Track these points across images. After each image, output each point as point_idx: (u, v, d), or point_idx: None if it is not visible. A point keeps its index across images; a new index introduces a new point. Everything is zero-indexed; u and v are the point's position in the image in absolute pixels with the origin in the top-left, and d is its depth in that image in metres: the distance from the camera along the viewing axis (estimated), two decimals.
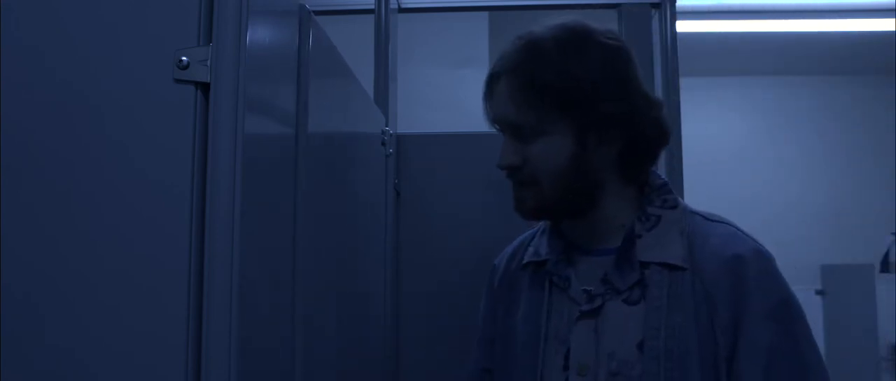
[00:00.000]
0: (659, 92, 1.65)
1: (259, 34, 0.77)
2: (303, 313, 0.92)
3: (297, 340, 0.89)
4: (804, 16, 3.56)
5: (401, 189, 1.66)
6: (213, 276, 0.70)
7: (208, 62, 0.72)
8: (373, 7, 1.71)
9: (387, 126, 1.56)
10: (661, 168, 1.40)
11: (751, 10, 3.52)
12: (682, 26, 1.82)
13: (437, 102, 2.69)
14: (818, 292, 3.92)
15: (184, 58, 0.72)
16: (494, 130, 1.04)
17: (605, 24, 1.02)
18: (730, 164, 4.59)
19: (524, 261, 1.10)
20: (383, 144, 1.52)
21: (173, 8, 0.73)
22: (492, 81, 1.02)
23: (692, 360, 0.92)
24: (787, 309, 0.94)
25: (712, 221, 1.01)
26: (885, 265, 4.13)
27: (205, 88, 0.72)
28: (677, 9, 1.70)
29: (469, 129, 1.98)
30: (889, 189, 4.28)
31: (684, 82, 1.68)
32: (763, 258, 0.95)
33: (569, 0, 1.82)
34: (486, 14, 2.99)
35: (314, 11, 0.96)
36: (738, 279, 0.93)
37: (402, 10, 1.80)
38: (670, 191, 1.04)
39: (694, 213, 1.02)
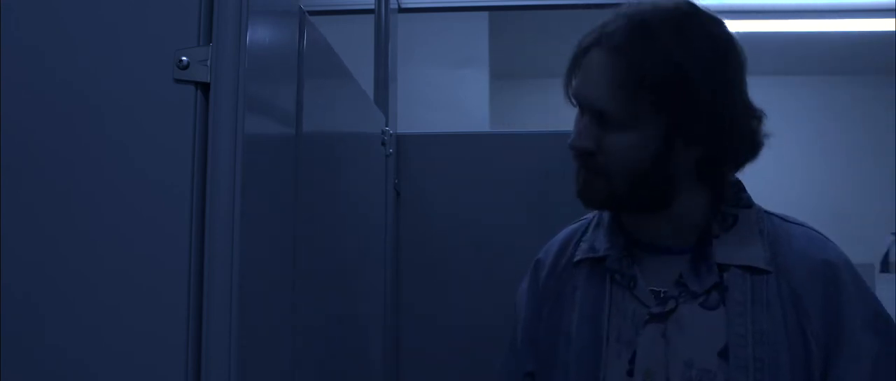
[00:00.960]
0: None
1: (259, 34, 0.77)
2: (303, 312, 0.92)
3: (297, 340, 0.89)
4: (804, 16, 3.55)
5: (401, 189, 1.66)
6: (213, 276, 0.70)
7: (208, 62, 0.72)
8: (372, 7, 1.71)
9: (387, 126, 1.56)
10: None
11: (751, 10, 3.51)
12: None
13: (437, 102, 2.69)
14: None
15: (184, 58, 0.72)
16: (571, 104, 0.94)
17: None
18: None
19: (577, 258, 1.02)
20: (383, 144, 1.52)
21: (173, 8, 0.73)
22: (585, 54, 0.90)
23: (783, 368, 0.86)
24: (884, 318, 0.90)
25: (790, 222, 0.96)
26: (885, 265, 4.13)
27: (205, 88, 0.72)
28: None
29: (469, 129, 1.98)
30: (889, 189, 4.27)
31: None
32: (851, 266, 0.91)
33: (569, 0, 1.82)
34: (486, 14, 2.99)
35: (314, 11, 0.96)
36: (834, 287, 0.88)
37: (402, 10, 1.80)
38: (744, 189, 0.98)
39: (769, 213, 0.97)
